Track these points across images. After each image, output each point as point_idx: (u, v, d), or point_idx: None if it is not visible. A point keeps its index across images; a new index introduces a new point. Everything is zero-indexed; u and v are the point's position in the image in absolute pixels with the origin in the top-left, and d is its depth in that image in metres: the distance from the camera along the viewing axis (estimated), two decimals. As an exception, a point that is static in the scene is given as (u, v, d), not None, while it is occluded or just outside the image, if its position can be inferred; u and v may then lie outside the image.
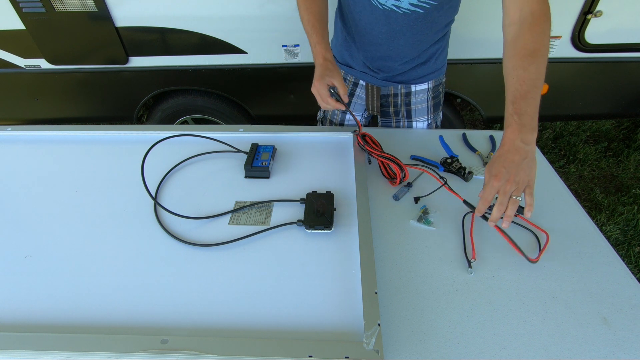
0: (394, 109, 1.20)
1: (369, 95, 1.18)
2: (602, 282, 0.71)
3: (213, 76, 1.81)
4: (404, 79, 1.12)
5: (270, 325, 0.63)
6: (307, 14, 0.97)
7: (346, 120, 1.26)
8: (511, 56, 0.76)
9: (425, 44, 1.03)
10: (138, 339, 0.59)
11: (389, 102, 1.19)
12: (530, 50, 0.73)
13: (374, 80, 1.14)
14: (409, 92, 1.15)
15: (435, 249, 0.77)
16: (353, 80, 1.18)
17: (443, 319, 0.65)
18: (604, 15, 1.55)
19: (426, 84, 1.14)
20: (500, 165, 0.68)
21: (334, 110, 1.25)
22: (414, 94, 1.15)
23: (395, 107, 1.19)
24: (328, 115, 1.28)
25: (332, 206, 0.83)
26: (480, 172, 0.95)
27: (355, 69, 1.15)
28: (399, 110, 1.20)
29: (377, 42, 1.02)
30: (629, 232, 1.96)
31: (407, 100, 1.17)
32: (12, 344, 0.59)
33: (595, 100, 1.89)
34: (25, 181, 0.94)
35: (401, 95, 1.16)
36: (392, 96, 1.17)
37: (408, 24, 0.95)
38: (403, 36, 0.98)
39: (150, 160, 0.91)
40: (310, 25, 0.96)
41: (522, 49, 0.74)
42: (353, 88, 1.19)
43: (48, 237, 0.79)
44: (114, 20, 1.60)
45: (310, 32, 0.96)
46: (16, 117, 2.01)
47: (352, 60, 1.14)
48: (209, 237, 0.79)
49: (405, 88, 1.15)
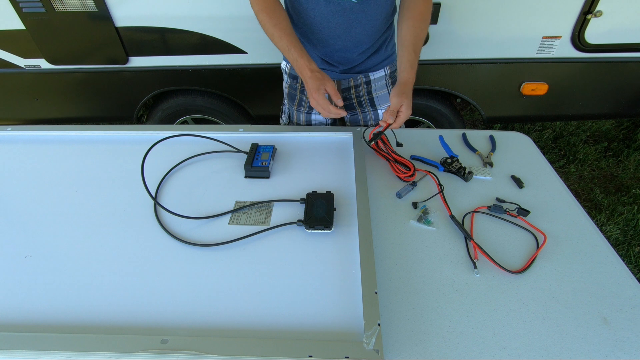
0: (357, 100, 1.23)
1: None
2: (602, 282, 0.71)
3: (213, 76, 1.81)
4: (362, 69, 1.16)
5: (270, 325, 0.63)
6: (277, 31, 0.98)
7: (312, 121, 1.27)
8: (409, 17, 1.00)
9: (378, 31, 1.08)
10: (138, 339, 0.59)
11: (351, 94, 1.22)
12: (423, 17, 1.00)
13: (333, 75, 1.16)
14: (368, 81, 1.20)
15: (435, 249, 0.77)
16: None
17: (443, 319, 0.65)
18: (604, 15, 1.55)
19: (383, 71, 1.19)
20: (405, 97, 0.93)
21: (298, 113, 1.26)
22: (373, 82, 1.20)
23: (357, 97, 1.22)
24: (293, 118, 1.28)
25: (332, 206, 0.83)
26: (480, 172, 0.95)
27: None
28: (361, 100, 1.23)
29: (334, 34, 1.05)
30: (629, 232, 1.96)
31: (368, 89, 1.21)
32: (12, 344, 0.59)
33: (595, 100, 1.88)
34: (25, 181, 0.94)
35: (361, 85, 1.20)
36: (353, 88, 1.20)
37: (362, 11, 1.00)
38: (359, 24, 1.03)
39: (150, 160, 0.91)
40: (285, 41, 0.97)
41: (419, 14, 0.99)
42: None
43: (48, 237, 0.79)
44: (114, 20, 1.60)
45: (287, 47, 0.97)
46: (16, 117, 2.01)
47: None
48: (209, 237, 0.79)
49: (364, 77, 1.19)
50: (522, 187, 0.92)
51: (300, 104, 1.24)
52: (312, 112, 1.25)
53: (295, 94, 1.23)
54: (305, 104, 1.23)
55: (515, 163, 1.00)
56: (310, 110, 1.24)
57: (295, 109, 1.25)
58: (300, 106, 1.24)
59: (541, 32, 1.64)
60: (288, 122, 1.31)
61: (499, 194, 0.90)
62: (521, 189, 0.92)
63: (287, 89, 1.25)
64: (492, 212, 0.85)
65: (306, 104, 1.23)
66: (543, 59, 1.71)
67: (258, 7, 1.00)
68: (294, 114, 1.27)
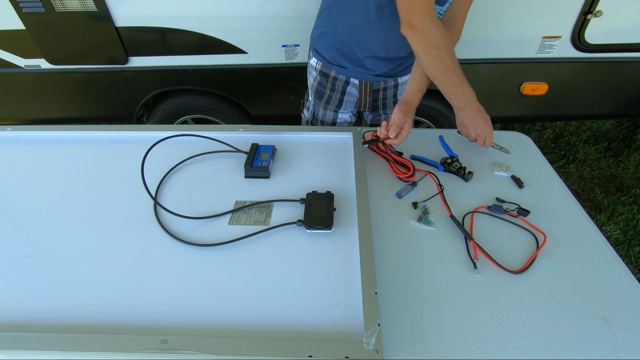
0: (382, 102, 1.25)
1: (363, 93, 1.21)
2: (602, 282, 0.71)
3: (213, 76, 1.81)
4: (393, 73, 1.18)
5: (270, 325, 0.63)
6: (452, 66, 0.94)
7: (338, 119, 1.27)
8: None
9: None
10: (138, 339, 0.59)
11: (378, 96, 1.23)
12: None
13: (367, 77, 1.17)
14: (396, 84, 1.22)
15: (435, 249, 0.77)
16: (344, 79, 1.19)
17: (443, 319, 0.65)
18: (604, 15, 1.55)
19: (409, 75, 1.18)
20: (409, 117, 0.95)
21: (325, 110, 1.26)
22: (400, 84, 1.22)
23: (384, 100, 1.24)
24: (318, 115, 1.29)
25: (332, 206, 0.83)
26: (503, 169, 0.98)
27: (349, 69, 1.17)
28: (387, 102, 1.25)
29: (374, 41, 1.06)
30: (629, 232, 1.96)
31: (394, 92, 1.23)
32: (12, 344, 0.59)
33: (595, 100, 1.88)
34: (25, 181, 0.94)
35: (389, 88, 1.22)
36: (381, 90, 1.22)
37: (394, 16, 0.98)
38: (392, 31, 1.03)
39: (150, 160, 0.91)
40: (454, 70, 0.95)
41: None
42: (344, 86, 1.21)
43: (48, 237, 0.79)
44: (114, 20, 1.60)
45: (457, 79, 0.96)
46: (16, 117, 2.01)
47: (345, 59, 1.15)
48: (209, 237, 0.79)
49: (393, 81, 1.20)
50: (522, 187, 0.92)
51: (329, 102, 1.24)
52: (338, 111, 1.26)
53: (324, 92, 1.23)
54: (334, 102, 1.24)
55: (515, 163, 1.00)
56: (337, 109, 1.25)
57: (322, 106, 1.26)
58: (328, 104, 1.24)
59: (541, 32, 1.64)
60: (312, 118, 1.31)
61: (499, 194, 0.90)
62: (521, 189, 0.92)
63: (315, 85, 1.24)
64: (492, 212, 0.85)
65: (334, 102, 1.24)
66: (543, 59, 1.71)
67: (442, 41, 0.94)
68: (319, 111, 1.28)
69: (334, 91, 1.21)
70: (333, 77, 1.19)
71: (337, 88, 1.21)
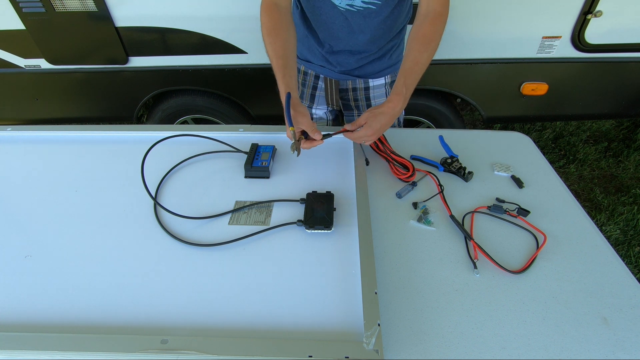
0: (355, 103, 1.24)
1: (328, 89, 1.21)
2: (602, 282, 0.71)
3: (213, 76, 1.81)
4: (361, 73, 1.16)
5: (270, 325, 0.63)
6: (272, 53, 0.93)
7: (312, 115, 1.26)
8: (413, 38, 0.91)
9: (383, 39, 1.07)
10: (138, 339, 0.59)
11: (348, 95, 1.22)
12: (427, 39, 0.90)
13: (332, 74, 1.17)
14: (367, 87, 1.20)
15: (435, 249, 0.77)
16: (314, 74, 1.20)
17: (443, 319, 0.65)
18: (604, 15, 1.55)
19: (383, 79, 1.18)
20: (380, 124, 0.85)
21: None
22: (372, 88, 1.20)
23: (355, 101, 1.23)
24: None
25: (332, 206, 0.83)
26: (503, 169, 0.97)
27: (314, 63, 1.17)
28: (359, 104, 1.24)
29: (337, 36, 1.05)
30: (629, 232, 1.96)
31: (367, 95, 1.21)
32: (12, 344, 0.58)
33: (595, 100, 1.89)
34: (26, 181, 0.94)
35: (360, 89, 1.20)
36: (351, 90, 1.21)
37: (365, 21, 1.00)
38: (362, 33, 1.03)
39: (150, 160, 0.91)
40: (274, 65, 0.92)
41: (422, 36, 0.90)
42: (315, 81, 1.21)
43: (48, 237, 0.79)
44: (114, 20, 1.60)
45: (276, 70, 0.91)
46: (16, 117, 2.01)
47: (311, 54, 1.16)
48: (209, 237, 0.79)
49: (364, 83, 1.19)
50: (522, 187, 0.92)
51: (302, 97, 1.25)
52: (312, 107, 1.26)
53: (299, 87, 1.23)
54: (307, 97, 1.24)
55: (515, 163, 1.00)
56: (310, 104, 1.25)
57: None
58: (302, 99, 1.24)
59: (541, 32, 1.64)
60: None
61: (499, 194, 0.90)
62: (521, 189, 0.92)
63: None
64: (492, 212, 0.85)
65: (307, 97, 1.24)
66: (543, 59, 1.71)
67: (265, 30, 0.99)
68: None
69: (305, 86, 1.22)
70: (303, 72, 1.20)
71: (307, 83, 1.21)
